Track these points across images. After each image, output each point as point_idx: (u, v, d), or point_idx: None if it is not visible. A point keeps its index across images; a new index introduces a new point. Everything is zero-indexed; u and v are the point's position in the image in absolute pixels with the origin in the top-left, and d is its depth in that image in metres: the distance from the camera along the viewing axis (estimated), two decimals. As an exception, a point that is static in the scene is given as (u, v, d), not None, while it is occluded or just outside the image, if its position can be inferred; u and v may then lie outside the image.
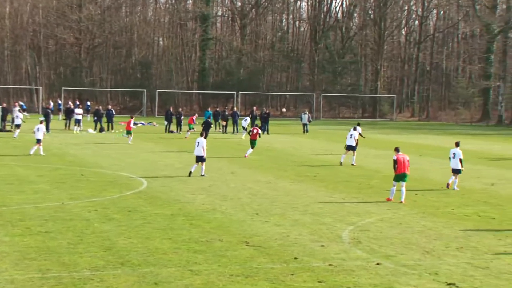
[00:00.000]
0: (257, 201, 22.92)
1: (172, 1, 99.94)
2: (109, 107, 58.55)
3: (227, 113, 59.33)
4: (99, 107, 58.73)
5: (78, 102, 67.26)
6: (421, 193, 25.53)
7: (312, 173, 30.82)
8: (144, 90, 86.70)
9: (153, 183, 26.59)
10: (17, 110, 51.18)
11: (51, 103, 67.38)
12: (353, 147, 34.81)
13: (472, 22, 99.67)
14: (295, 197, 23.96)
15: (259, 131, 39.06)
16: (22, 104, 66.48)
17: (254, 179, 28.41)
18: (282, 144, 46.33)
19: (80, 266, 14.31)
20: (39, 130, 36.46)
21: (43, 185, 25.48)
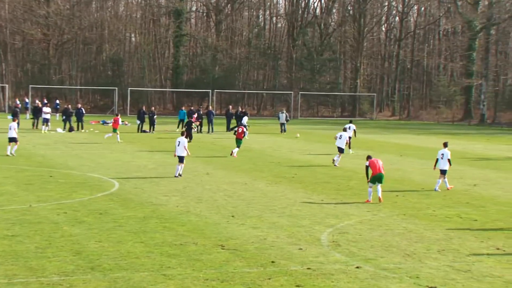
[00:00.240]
0: (233, 203, 22.92)
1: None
2: (79, 106, 58.20)
3: (202, 112, 59.22)
4: (68, 106, 58.36)
5: (46, 101, 66.76)
6: (402, 194, 25.69)
7: (290, 174, 30.89)
8: (116, 88, 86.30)
9: (125, 185, 26.50)
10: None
11: (18, 102, 66.87)
12: (342, 149, 35.17)
13: (454, 19, 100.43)
14: (272, 199, 23.99)
15: (245, 130, 39.58)
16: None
17: (230, 180, 28.41)
18: (259, 144, 46.37)
19: (49, 271, 14.22)
20: (11, 129, 36.23)
21: (10, 187, 25.28)
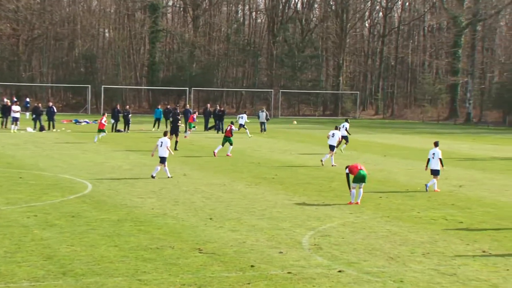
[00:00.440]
0: (211, 205, 22.90)
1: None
2: (50, 104, 57.88)
3: (179, 111, 59.12)
4: (39, 104, 58.05)
5: (16, 99, 66.32)
6: (386, 196, 25.79)
7: (270, 175, 30.91)
8: (89, 86, 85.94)
9: (99, 186, 26.39)
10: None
11: (-14, 100, 66.43)
12: (334, 147, 35.39)
13: (439, 14, 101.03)
14: (252, 201, 24.00)
15: (233, 128, 39.74)
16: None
17: (208, 182, 28.38)
18: (238, 144, 46.34)
19: (18, 277, 14.13)
20: None
21: (-22, 189, 25.09)
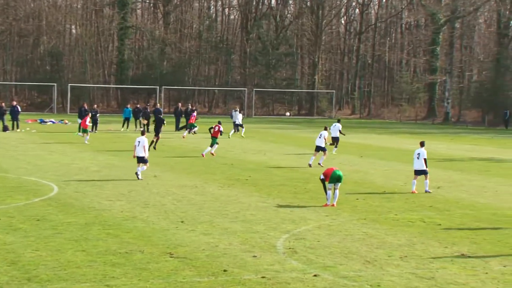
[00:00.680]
0: (183, 208, 22.86)
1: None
2: (14, 103, 57.48)
3: (149, 110, 58.94)
4: (2, 104, 57.55)
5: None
6: (362, 198, 25.90)
7: (244, 177, 30.92)
8: (55, 84, 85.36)
9: (65, 189, 26.24)
10: None
11: None
12: (323, 148, 35.63)
13: (417, 11, 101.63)
14: (225, 203, 23.99)
15: (221, 128, 39.92)
16: None
17: (179, 184, 28.33)
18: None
19: (-19, 283, 14.01)
20: None
21: None
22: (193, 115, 55.25)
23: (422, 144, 28.23)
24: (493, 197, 26.98)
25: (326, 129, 37.24)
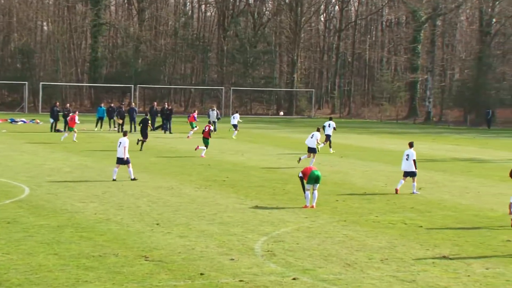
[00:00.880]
0: (158, 210, 22.82)
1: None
2: (-16, 102, 57.13)
3: (124, 110, 58.77)
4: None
5: None
6: (342, 199, 25.98)
7: (221, 178, 30.92)
8: (26, 83, 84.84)
9: (37, 190, 26.12)
10: None
11: None
12: (314, 149, 35.87)
13: (398, 8, 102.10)
14: (202, 205, 23.98)
15: (211, 128, 40.27)
16: None
17: (155, 185, 28.28)
18: (187, 145, 46.25)
19: (-51, 288, 13.92)
20: None
21: None
22: (194, 115, 55.42)
23: (411, 145, 28.36)
24: (475, 198, 27.16)
25: (319, 130, 37.31)
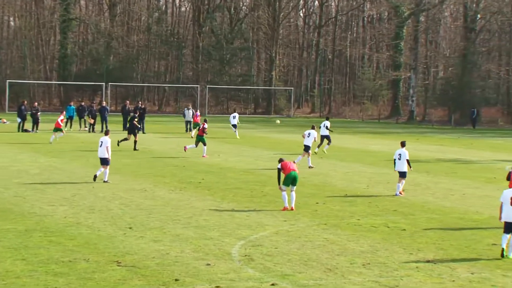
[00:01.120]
0: (131, 213, 22.77)
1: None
2: None
3: (95, 109, 58.56)
4: None
5: None
6: (323, 201, 26.02)
7: (197, 179, 30.89)
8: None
9: (3, 193, 26.00)
10: None
11: None
12: (309, 148, 36.19)
13: (379, 4, 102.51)
14: (176, 208, 23.94)
15: (205, 126, 40.51)
16: None
17: (127, 187, 28.20)
18: (161, 146, 46.18)
19: None
20: None
21: None
22: (197, 115, 55.57)
23: (403, 144, 28.47)
24: (460, 201, 27.30)
25: (314, 128, 37.47)
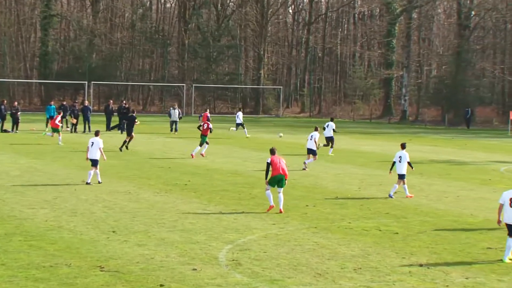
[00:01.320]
0: (114, 216, 22.72)
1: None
2: None
3: (77, 108, 58.41)
4: None
5: None
6: (313, 204, 26.03)
7: (183, 181, 30.86)
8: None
9: (-18, 196, 25.91)
10: None
11: None
12: (314, 151, 36.37)
13: (371, 0, 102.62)
14: (162, 211, 23.91)
15: (210, 126, 40.86)
16: None
17: (111, 189, 28.14)
18: (146, 146, 46.12)
19: None
20: None
21: None
22: (207, 114, 55.71)
23: (403, 146, 28.58)
24: (454, 203, 27.36)
25: (317, 130, 37.56)
